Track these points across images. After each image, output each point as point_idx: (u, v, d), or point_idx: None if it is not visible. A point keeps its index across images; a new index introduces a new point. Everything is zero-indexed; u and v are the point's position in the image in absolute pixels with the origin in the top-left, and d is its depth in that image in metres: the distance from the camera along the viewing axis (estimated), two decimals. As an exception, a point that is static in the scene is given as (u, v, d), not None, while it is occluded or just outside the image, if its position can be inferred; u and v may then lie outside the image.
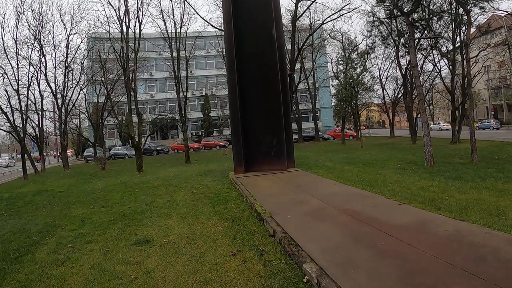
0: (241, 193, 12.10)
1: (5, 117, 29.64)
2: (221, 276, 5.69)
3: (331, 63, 49.21)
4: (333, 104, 58.14)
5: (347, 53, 39.63)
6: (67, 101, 35.96)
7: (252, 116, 15.99)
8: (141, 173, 23.13)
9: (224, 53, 26.12)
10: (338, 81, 41.04)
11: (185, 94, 30.82)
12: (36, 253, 7.58)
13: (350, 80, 35.68)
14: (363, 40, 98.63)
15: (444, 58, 33.84)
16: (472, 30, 26.66)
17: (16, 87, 31.01)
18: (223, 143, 52.26)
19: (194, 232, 8.19)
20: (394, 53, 38.00)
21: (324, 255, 5.60)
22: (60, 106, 35.49)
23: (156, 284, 5.59)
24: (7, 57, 31.08)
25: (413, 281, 4.43)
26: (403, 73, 37.10)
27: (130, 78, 25.49)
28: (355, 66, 37.54)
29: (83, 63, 39.13)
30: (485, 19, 33.34)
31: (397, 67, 39.10)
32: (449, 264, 4.78)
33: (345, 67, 38.36)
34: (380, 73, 48.20)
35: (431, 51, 33.47)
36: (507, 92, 63.02)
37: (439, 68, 35.97)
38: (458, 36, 30.57)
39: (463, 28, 28.82)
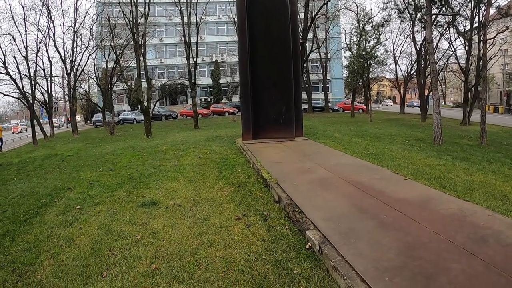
0: (248, 159, 12.06)
1: (14, 84, 29.58)
2: (225, 239, 5.75)
3: (345, 34, 48.52)
4: (344, 75, 57.24)
5: (361, 25, 38.82)
6: (76, 66, 35.74)
7: (262, 83, 15.71)
8: (149, 137, 23.22)
9: (235, 19, 25.64)
10: (350, 53, 40.48)
11: (195, 60, 30.46)
12: (45, 215, 7.67)
13: (363, 53, 35.08)
14: (378, 12, 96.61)
15: (460, 37, 33.12)
16: (492, 11, 26.08)
17: (25, 53, 30.86)
18: (232, 110, 51.68)
19: (200, 196, 8.25)
20: (410, 28, 37.32)
21: (328, 223, 5.62)
22: (69, 72, 35.37)
23: (161, 245, 5.66)
24: (15, 23, 30.91)
25: (413, 254, 4.44)
26: (418, 49, 36.45)
27: (140, 42, 25.23)
28: (369, 39, 36.87)
29: (92, 28, 38.68)
30: (507, 1, 32.55)
31: (412, 43, 38.49)
32: (450, 241, 4.76)
33: (358, 39, 37.68)
34: (394, 47, 47.49)
35: (447, 28, 32.79)
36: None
37: (455, 47, 35.29)
38: (477, 16, 29.92)
39: (483, 8, 28.13)
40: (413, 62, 45.74)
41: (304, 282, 4.37)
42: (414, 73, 43.98)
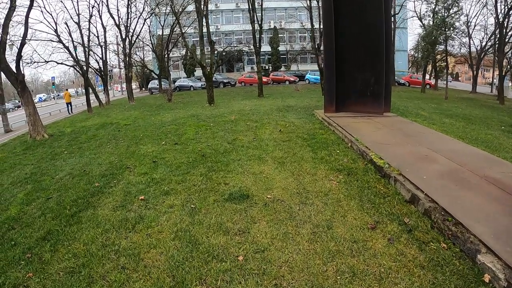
0: (340, 136, 9.98)
1: (67, 52, 28.26)
2: (371, 264, 3.86)
3: (414, 1, 44.45)
4: (411, 47, 52.42)
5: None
6: (131, 32, 34.68)
7: (347, 48, 13.33)
8: (212, 105, 21.22)
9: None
10: (421, 23, 36.89)
11: (260, 24, 28.06)
12: (99, 207, 5.72)
13: (442, 21, 31.40)
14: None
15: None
16: None
17: (77, 20, 29.68)
18: (293, 79, 48.74)
19: (304, 187, 6.14)
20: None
21: (502, 245, 3.91)
22: (124, 38, 34.30)
23: (281, 276, 3.70)
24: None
25: None
26: (500, 21, 32.28)
27: (202, 5, 22.95)
28: (449, 7, 32.86)
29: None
30: None
31: (488, 14, 34.40)
32: None
33: (434, 6, 33.93)
34: (468, 19, 42.93)
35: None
36: None
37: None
38: None
39: None
40: (489, 36, 41.52)
41: None
42: (490, 48, 41.01)
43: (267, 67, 59.94)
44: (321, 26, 28.76)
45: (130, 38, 34.67)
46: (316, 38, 31.16)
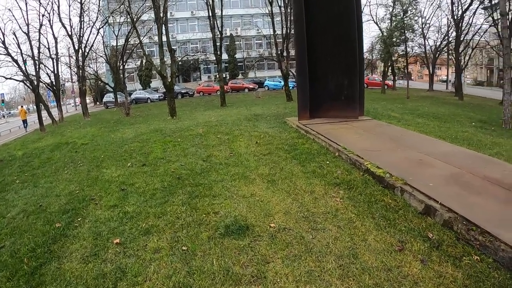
0: (323, 145, 9.33)
1: (16, 65, 26.75)
2: None
3: (369, 5, 45.18)
4: (371, 46, 53.25)
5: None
6: (84, 43, 33.17)
7: (320, 50, 12.90)
8: (174, 118, 20.14)
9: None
10: (378, 26, 38.05)
11: (220, 31, 27.63)
12: (64, 258, 4.53)
13: (401, 24, 32.20)
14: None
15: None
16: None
17: (26, 30, 28.14)
18: (252, 86, 48.91)
19: (307, 208, 5.38)
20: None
21: None
22: (76, 49, 32.62)
23: None
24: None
25: None
26: (456, 21, 33.37)
27: (161, 10, 21.72)
28: (407, 9, 33.31)
29: (99, 3, 35.71)
30: None
31: (441, 15, 35.80)
32: None
33: (391, 9, 34.70)
34: (422, 20, 44.22)
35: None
36: None
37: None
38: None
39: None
40: (443, 36, 43.41)
41: None
42: (444, 48, 43.03)
43: (224, 75, 59.58)
44: (283, 32, 28.66)
45: (83, 49, 33.19)
46: (278, 44, 30.84)
